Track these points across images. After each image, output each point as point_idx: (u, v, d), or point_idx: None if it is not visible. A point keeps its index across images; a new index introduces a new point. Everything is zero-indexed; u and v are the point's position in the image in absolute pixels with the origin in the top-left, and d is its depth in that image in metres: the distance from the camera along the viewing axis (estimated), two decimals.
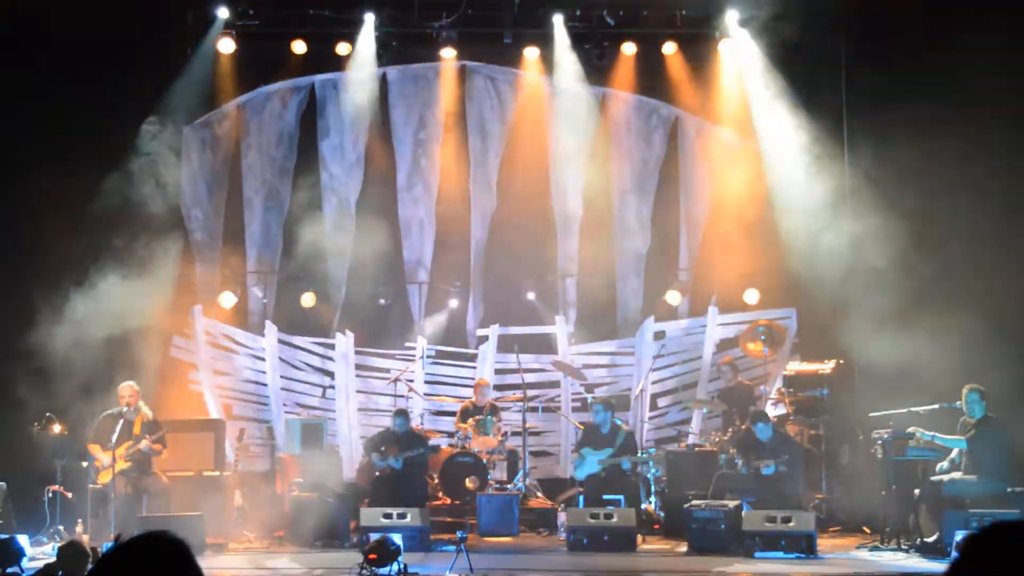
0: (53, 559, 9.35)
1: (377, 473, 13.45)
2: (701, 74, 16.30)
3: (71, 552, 8.51)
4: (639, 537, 12.34)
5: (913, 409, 12.25)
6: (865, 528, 13.01)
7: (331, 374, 16.30)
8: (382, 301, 16.41)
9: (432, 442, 14.66)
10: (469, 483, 13.92)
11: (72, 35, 13.97)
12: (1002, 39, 12.80)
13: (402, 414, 13.94)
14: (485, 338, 16.45)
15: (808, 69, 15.30)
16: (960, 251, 13.10)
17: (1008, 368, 12.23)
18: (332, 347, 16.29)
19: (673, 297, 16.41)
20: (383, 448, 13.56)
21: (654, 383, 16.12)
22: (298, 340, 16.33)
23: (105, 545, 9.42)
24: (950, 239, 13.11)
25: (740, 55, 15.85)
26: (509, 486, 14.15)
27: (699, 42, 16.21)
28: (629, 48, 16.27)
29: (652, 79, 16.57)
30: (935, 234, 13.21)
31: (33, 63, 14.02)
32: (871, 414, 12.79)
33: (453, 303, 16.59)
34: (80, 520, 12.57)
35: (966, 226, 12.96)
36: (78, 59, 14.03)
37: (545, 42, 16.31)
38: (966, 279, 13.01)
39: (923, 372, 12.44)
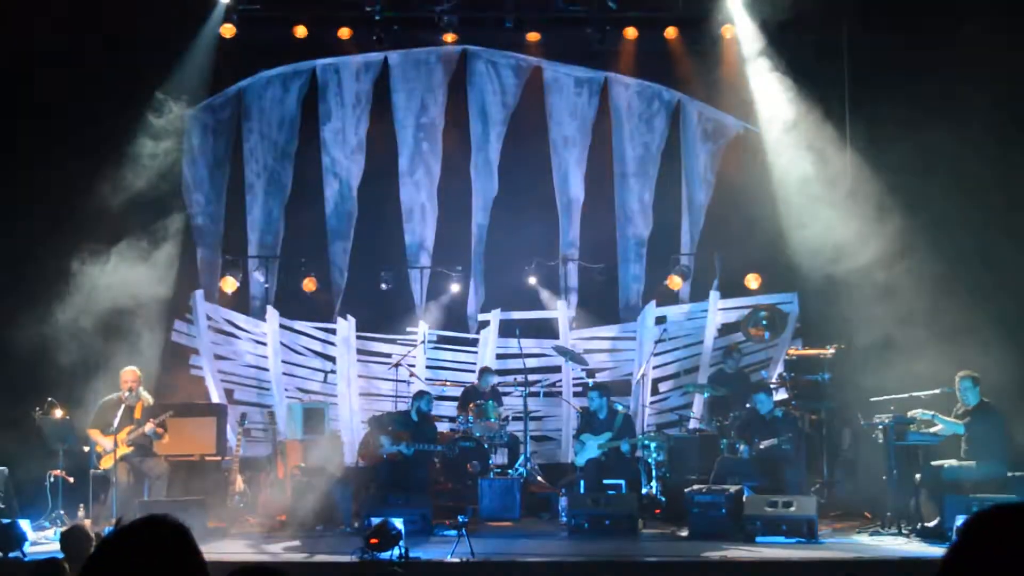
0: (56, 547, 9.37)
1: (384, 457, 13.41)
2: (703, 58, 16.26)
3: (74, 537, 8.50)
4: (640, 522, 12.35)
5: (914, 394, 12.27)
6: (866, 513, 13.02)
7: (332, 359, 16.30)
8: (383, 286, 16.37)
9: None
10: (470, 468, 13.93)
11: (72, 20, 13.95)
12: (1003, 20, 12.77)
13: (426, 395, 13.95)
14: (486, 323, 16.45)
15: (810, 53, 15.27)
16: (961, 235, 13.09)
17: (1008, 353, 12.24)
18: (333, 332, 16.29)
19: (674, 282, 16.40)
20: (391, 428, 13.53)
21: (655, 368, 16.12)
22: (299, 325, 16.33)
23: (107, 530, 9.43)
24: (951, 223, 13.10)
25: (742, 39, 15.80)
26: (511, 471, 14.16)
27: (701, 26, 16.13)
28: (631, 32, 16.23)
29: (654, 63, 16.55)
30: (936, 218, 13.19)
31: (34, 49, 13.99)
32: (872, 399, 12.79)
33: (454, 288, 16.59)
34: (82, 505, 12.59)
35: (967, 211, 12.94)
36: (79, 44, 14.01)
37: (546, 26, 16.30)
38: (967, 263, 13.00)
39: (924, 356, 12.44)
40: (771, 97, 15.50)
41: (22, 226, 14.03)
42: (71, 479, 12.74)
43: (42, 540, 11.51)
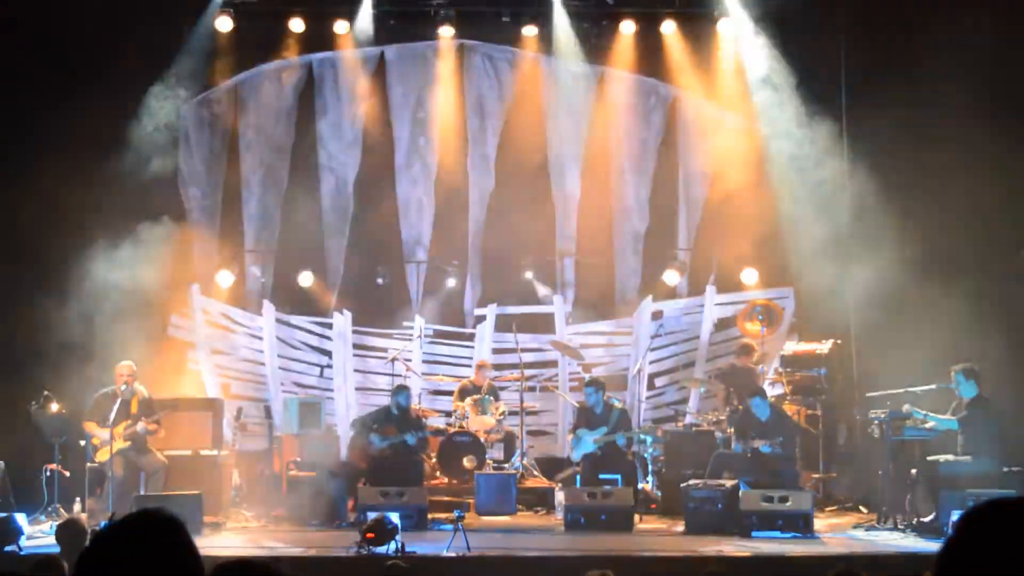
0: (52, 540, 9.37)
1: (375, 453, 13.41)
2: (700, 53, 16.22)
3: (69, 530, 8.50)
4: (636, 516, 12.37)
5: (910, 389, 12.27)
6: (862, 507, 13.05)
7: (329, 353, 16.29)
8: (380, 280, 16.35)
9: (429, 421, 14.64)
10: (467, 462, 13.92)
11: (70, 13, 13.93)
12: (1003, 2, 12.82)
13: (405, 389, 13.94)
14: (483, 317, 16.44)
15: (806, 48, 15.25)
16: (958, 230, 13.09)
17: (1003, 344, 12.24)
18: (330, 326, 16.28)
19: (671, 277, 16.38)
20: (375, 426, 13.53)
21: (652, 363, 16.11)
22: (296, 319, 16.31)
23: (102, 523, 9.43)
24: (948, 218, 13.09)
25: (739, 34, 15.78)
26: (507, 465, 14.16)
27: (698, 21, 16.12)
28: (628, 27, 16.18)
29: (651, 58, 16.50)
30: (932, 213, 13.18)
31: (33, 43, 13.97)
32: (868, 394, 12.79)
33: (451, 282, 16.56)
34: (78, 499, 12.60)
35: (964, 205, 12.93)
36: (76, 38, 13.99)
37: (544, 20, 16.28)
38: (964, 257, 13.00)
39: (920, 351, 12.44)
40: (767, 91, 15.48)
41: (16, 220, 13.98)
42: (67, 473, 12.74)
43: (38, 534, 11.51)
